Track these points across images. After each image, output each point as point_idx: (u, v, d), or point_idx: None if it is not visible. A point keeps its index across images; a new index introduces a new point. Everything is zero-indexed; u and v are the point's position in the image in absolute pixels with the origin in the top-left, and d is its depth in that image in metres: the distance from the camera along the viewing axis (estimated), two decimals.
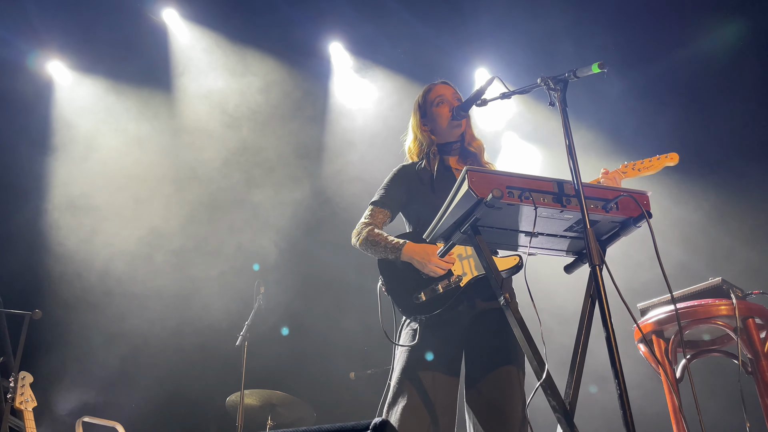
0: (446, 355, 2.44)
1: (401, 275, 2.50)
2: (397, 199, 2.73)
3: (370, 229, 2.61)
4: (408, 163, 2.84)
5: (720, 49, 5.19)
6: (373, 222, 2.65)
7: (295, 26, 6.02)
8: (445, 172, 2.73)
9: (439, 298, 2.41)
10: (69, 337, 5.28)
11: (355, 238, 2.66)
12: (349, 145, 6.09)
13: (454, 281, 2.42)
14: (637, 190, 2.03)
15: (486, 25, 5.86)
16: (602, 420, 4.58)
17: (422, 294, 2.43)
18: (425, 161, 2.76)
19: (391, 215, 2.73)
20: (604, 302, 1.79)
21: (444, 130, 2.77)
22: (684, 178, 5.19)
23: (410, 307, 2.44)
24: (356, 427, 1.41)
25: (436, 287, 2.43)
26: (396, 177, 2.78)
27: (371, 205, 2.73)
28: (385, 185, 2.77)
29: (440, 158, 2.76)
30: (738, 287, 3.03)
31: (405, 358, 2.44)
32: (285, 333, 5.20)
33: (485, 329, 2.46)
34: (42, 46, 5.65)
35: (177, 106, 5.98)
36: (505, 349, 2.40)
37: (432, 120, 2.79)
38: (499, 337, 2.42)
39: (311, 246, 6.04)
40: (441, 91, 2.82)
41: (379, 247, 2.53)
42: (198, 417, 5.48)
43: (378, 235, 2.57)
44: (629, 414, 1.66)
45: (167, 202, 5.79)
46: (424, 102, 2.84)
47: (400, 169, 2.81)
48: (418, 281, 2.46)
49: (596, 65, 2.04)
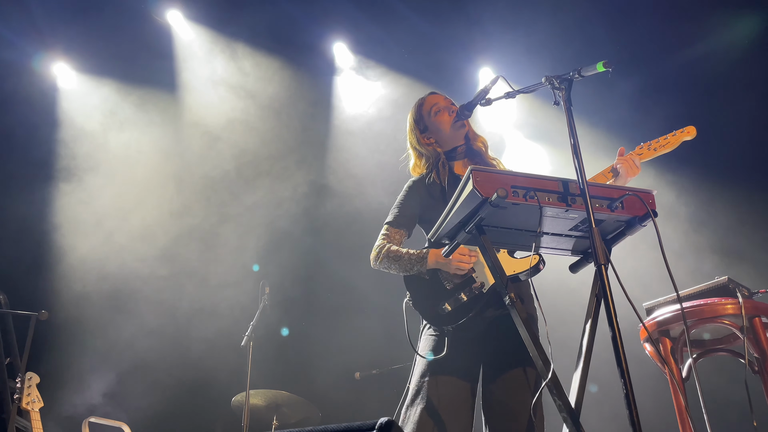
0: (464, 361, 2.47)
1: (427, 289, 2.51)
2: (411, 218, 2.73)
3: (389, 246, 2.61)
4: (417, 178, 2.81)
5: (731, 45, 5.16)
6: (390, 241, 2.66)
7: (299, 27, 6.02)
8: (455, 182, 2.69)
9: (464, 307, 2.41)
10: (75, 337, 5.30)
11: (374, 260, 2.65)
12: (354, 145, 6.09)
13: (477, 288, 2.43)
14: (643, 189, 2.02)
15: (490, 25, 5.84)
16: (608, 419, 4.57)
17: (447, 305, 2.43)
18: (434, 174, 2.74)
19: (407, 234, 2.73)
20: (609, 302, 1.79)
21: (448, 136, 2.77)
22: (691, 177, 5.18)
23: (437, 318, 2.45)
24: (362, 426, 1.41)
25: (460, 296, 2.43)
26: (408, 195, 2.76)
27: (386, 225, 2.72)
28: (398, 204, 2.76)
29: (449, 167, 2.75)
30: (744, 286, 3.02)
31: (425, 362, 2.48)
32: (285, 333, 5.21)
33: (500, 333, 2.47)
34: (47, 48, 5.67)
35: (181, 107, 5.99)
36: (517, 351, 2.37)
37: (435, 130, 2.79)
38: (512, 339, 2.39)
39: (316, 246, 6.04)
40: (434, 101, 2.82)
41: (402, 261, 2.54)
42: (204, 417, 5.49)
43: (398, 251, 2.57)
44: (635, 413, 1.66)
45: (172, 202, 5.80)
46: (419, 116, 2.83)
47: (411, 185, 2.79)
48: (443, 292, 2.47)
49: (601, 64, 2.03)
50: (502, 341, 2.46)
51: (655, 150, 2.66)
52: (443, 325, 2.44)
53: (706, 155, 5.11)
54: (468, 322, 2.38)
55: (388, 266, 2.60)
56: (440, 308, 2.44)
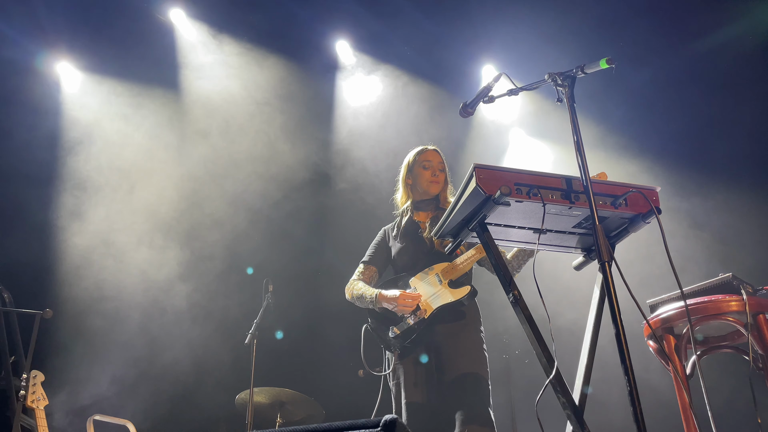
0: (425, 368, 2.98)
1: (383, 317, 3.07)
2: (381, 258, 3.29)
3: (357, 285, 3.18)
4: (388, 225, 3.39)
5: (734, 42, 5.13)
6: (362, 279, 3.23)
7: (302, 25, 6.02)
8: (411, 225, 3.23)
9: (410, 330, 2.96)
10: (80, 335, 5.31)
11: (347, 294, 3.22)
12: (357, 143, 6.09)
13: (420, 315, 2.96)
14: (647, 186, 2.02)
15: (493, 22, 5.83)
16: (613, 416, 4.56)
17: (395, 328, 3.00)
18: (399, 218, 3.30)
19: (379, 271, 3.29)
20: (613, 298, 1.78)
21: (421, 188, 3.24)
22: (694, 173, 5.16)
23: (389, 341, 3.00)
24: (367, 423, 1.41)
25: (407, 321, 2.98)
26: (379, 238, 3.36)
27: (361, 263, 3.29)
28: (373, 245, 3.35)
29: (411, 213, 3.26)
30: (748, 283, 3.01)
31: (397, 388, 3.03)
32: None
33: (445, 343, 2.97)
34: (50, 47, 5.68)
35: (184, 105, 6.00)
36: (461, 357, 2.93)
37: (414, 176, 3.27)
38: (455, 348, 2.96)
39: (319, 245, 6.04)
40: (429, 157, 3.28)
41: (363, 300, 3.13)
42: (208, 415, 5.50)
43: (362, 290, 3.14)
44: (639, 410, 1.66)
45: (175, 202, 5.81)
46: (414, 161, 3.31)
47: (383, 231, 3.38)
48: (394, 320, 3.02)
49: (604, 61, 2.02)
50: (447, 350, 2.95)
51: None
52: (394, 345, 2.99)
53: (710, 151, 5.09)
54: (416, 340, 2.95)
55: (355, 302, 3.17)
56: (391, 331, 2.99)
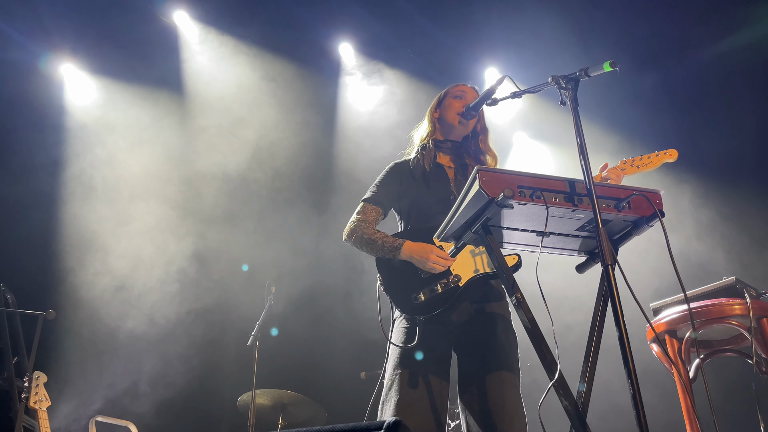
0: (437, 354, 2.44)
1: (400, 275, 2.47)
2: (391, 197, 2.72)
3: (366, 227, 2.59)
4: (401, 161, 2.83)
5: (739, 46, 5.13)
6: (366, 219, 2.63)
7: (306, 28, 6.03)
8: (437, 169, 2.73)
9: (438, 299, 2.39)
10: (82, 336, 5.32)
11: (347, 236, 2.63)
12: (360, 145, 6.09)
13: (453, 281, 2.41)
14: (650, 189, 2.01)
15: (496, 24, 5.84)
16: (616, 420, 4.55)
17: (421, 294, 2.40)
18: (419, 156, 2.76)
19: (384, 213, 2.71)
20: (616, 302, 1.78)
21: (448, 123, 2.78)
22: (697, 176, 5.15)
23: (409, 307, 2.42)
24: (370, 426, 1.40)
25: (435, 287, 2.41)
26: (389, 174, 2.77)
27: (363, 202, 2.70)
28: (378, 182, 2.76)
29: (434, 154, 2.76)
30: (752, 286, 3.00)
31: (397, 355, 2.44)
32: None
33: (477, 331, 2.47)
34: (54, 49, 5.70)
35: (187, 107, 6.01)
36: (499, 353, 2.41)
37: (444, 108, 2.81)
38: (491, 341, 2.44)
39: (321, 247, 6.04)
40: (464, 89, 2.84)
41: (375, 246, 2.51)
42: (210, 417, 5.50)
43: (374, 234, 2.55)
44: (642, 413, 1.66)
45: (178, 201, 5.82)
46: (445, 93, 2.86)
47: (393, 166, 2.81)
48: (416, 281, 2.44)
49: (608, 64, 2.02)
50: (480, 340, 2.44)
51: (637, 167, 2.65)
52: (415, 314, 2.40)
53: (714, 154, 5.08)
54: (441, 314, 2.37)
55: (360, 247, 2.58)
56: (413, 297, 2.40)
